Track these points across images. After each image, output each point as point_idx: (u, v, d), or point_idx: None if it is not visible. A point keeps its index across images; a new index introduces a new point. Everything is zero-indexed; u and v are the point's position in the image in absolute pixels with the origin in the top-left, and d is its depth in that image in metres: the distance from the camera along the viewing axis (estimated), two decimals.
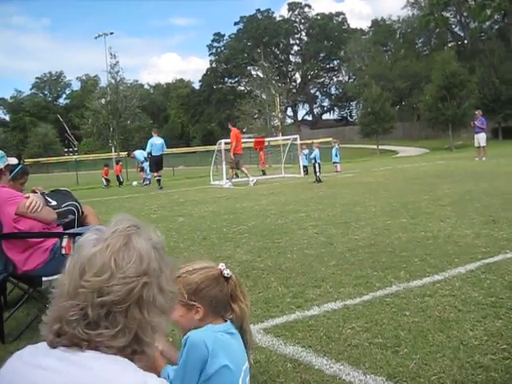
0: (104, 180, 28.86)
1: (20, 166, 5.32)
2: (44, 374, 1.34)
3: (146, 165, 25.90)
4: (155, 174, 23.09)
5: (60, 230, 4.86)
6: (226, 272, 2.47)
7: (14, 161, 5.26)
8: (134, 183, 27.54)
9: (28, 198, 4.47)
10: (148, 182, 25.64)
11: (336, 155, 26.31)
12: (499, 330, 3.70)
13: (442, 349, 3.46)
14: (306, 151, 26.51)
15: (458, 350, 3.42)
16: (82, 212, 5.63)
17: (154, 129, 26.02)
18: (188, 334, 2.28)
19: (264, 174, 27.95)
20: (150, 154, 23.16)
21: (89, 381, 1.31)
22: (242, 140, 35.50)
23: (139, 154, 28.49)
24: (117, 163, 31.39)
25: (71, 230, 4.90)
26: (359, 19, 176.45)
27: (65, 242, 4.48)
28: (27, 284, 4.80)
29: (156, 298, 1.47)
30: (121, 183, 28.66)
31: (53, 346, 1.41)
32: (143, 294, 1.43)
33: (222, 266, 2.50)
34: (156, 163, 22.99)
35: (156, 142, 22.99)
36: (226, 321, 2.45)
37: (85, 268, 1.41)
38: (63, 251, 4.46)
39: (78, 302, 1.39)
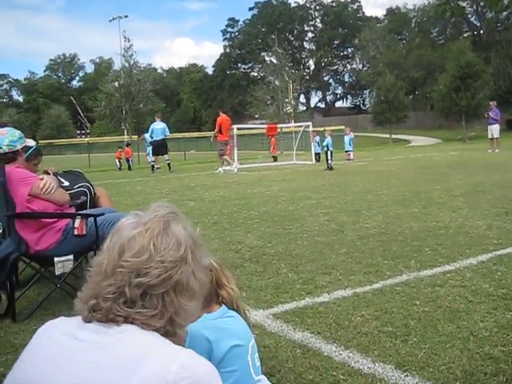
0: (117, 162, 28.79)
1: (34, 147, 5.34)
2: (82, 345, 1.40)
3: (149, 149, 25.84)
4: (165, 157, 23.00)
5: (72, 210, 4.89)
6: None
7: (31, 142, 5.32)
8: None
9: (42, 179, 4.49)
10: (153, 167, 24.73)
11: (350, 144, 26.12)
12: (510, 322, 3.69)
13: (452, 339, 3.45)
14: (317, 138, 26.46)
15: (468, 341, 3.41)
16: (95, 193, 5.66)
17: (158, 113, 25.71)
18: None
19: (275, 160, 27.91)
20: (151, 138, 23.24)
21: (127, 351, 1.36)
22: (255, 125, 35.53)
23: (148, 136, 28.36)
24: (127, 146, 31.25)
25: (83, 211, 4.93)
26: (374, 7, 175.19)
27: (77, 222, 4.50)
28: (39, 264, 4.82)
29: (190, 284, 1.51)
30: (129, 167, 28.53)
31: (87, 320, 1.45)
32: (180, 280, 1.48)
33: None
34: (157, 147, 23.00)
35: (156, 127, 22.92)
36: (221, 304, 2.43)
37: (124, 249, 1.46)
38: (75, 232, 4.48)
39: (116, 281, 1.43)
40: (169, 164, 22.77)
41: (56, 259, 4.51)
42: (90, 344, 1.39)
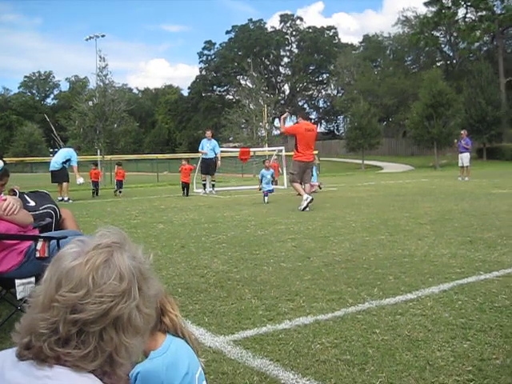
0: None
1: (0, 168, 5.29)
2: None
3: None
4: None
5: (36, 232, 4.85)
6: None
7: None
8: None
9: (5, 200, 4.45)
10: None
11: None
12: (466, 352, 3.73)
13: (409, 368, 3.48)
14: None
15: (424, 370, 3.44)
16: (60, 215, 5.63)
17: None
18: (136, 369, 2.22)
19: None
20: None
21: None
22: (228, 149, 35.42)
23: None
24: (94, 166, 26.34)
25: (47, 233, 4.89)
26: (346, 35, 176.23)
27: (39, 245, 4.46)
28: (0, 285, 4.77)
29: (133, 319, 1.41)
30: (96, 192, 23.54)
31: (21, 358, 1.36)
32: (121, 315, 1.37)
33: None
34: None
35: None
36: (165, 332, 2.38)
37: (61, 281, 1.35)
38: (38, 254, 4.45)
39: (50, 316, 1.33)
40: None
41: (17, 281, 4.46)
42: None
